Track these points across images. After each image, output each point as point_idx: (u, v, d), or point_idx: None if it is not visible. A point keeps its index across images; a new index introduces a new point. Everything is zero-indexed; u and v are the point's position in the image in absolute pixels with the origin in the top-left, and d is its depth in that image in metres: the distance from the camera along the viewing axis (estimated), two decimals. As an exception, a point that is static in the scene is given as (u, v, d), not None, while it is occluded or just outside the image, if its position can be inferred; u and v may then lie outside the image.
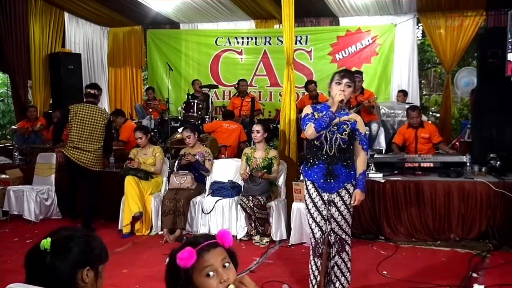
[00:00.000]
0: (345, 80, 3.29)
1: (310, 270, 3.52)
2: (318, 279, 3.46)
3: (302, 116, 3.43)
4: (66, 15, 9.20)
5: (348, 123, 3.35)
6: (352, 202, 3.38)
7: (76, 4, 8.72)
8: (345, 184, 3.36)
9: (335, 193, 3.36)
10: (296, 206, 5.05)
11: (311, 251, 3.53)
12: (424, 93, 14.23)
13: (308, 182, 3.45)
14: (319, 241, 3.43)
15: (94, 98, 5.70)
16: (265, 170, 5.21)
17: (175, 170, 5.77)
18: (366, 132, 3.51)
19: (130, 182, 5.52)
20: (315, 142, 3.37)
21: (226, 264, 1.52)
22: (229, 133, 7.13)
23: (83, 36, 9.88)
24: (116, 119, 7.39)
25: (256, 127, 5.39)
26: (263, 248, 4.95)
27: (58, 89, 8.78)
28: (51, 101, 9.17)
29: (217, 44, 10.08)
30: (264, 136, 5.37)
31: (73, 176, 5.87)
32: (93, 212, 5.73)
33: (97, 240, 1.74)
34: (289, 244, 5.03)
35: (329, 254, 3.48)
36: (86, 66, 9.89)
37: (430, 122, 7.78)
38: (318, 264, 3.45)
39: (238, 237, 5.24)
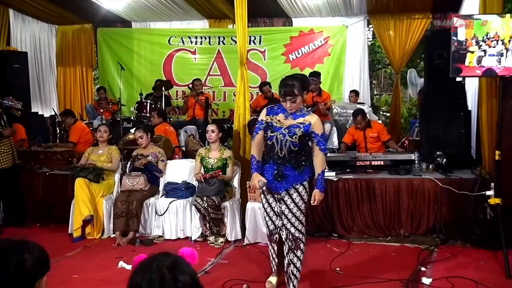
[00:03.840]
0: (287, 98, 3.39)
1: (269, 253, 3.88)
2: (277, 260, 3.81)
3: (258, 120, 3.58)
4: (11, 12, 8.80)
5: (301, 125, 3.40)
6: (312, 202, 3.49)
7: (21, 1, 8.38)
8: (293, 185, 3.45)
9: (284, 192, 3.46)
10: (251, 206, 5.06)
11: (267, 238, 3.84)
12: (375, 93, 14.61)
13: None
14: (273, 231, 3.69)
15: None
16: (220, 172, 5.18)
17: (127, 172, 5.66)
18: (326, 132, 3.65)
19: (80, 184, 5.37)
20: (268, 142, 3.47)
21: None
22: (172, 135, 7.05)
23: (30, 34, 9.49)
24: (65, 119, 7.18)
25: (211, 127, 5.36)
26: (218, 248, 4.93)
27: (3, 88, 8.38)
28: (-5, 101, 8.78)
29: (170, 44, 9.95)
30: (218, 136, 5.34)
31: None
32: None
33: (32, 255, 1.59)
34: (244, 243, 5.03)
35: (281, 245, 3.69)
36: (34, 65, 9.50)
37: (379, 121, 7.98)
38: (275, 248, 3.76)
39: (193, 238, 5.20)
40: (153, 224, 5.37)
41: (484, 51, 4.36)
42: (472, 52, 4.39)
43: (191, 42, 9.88)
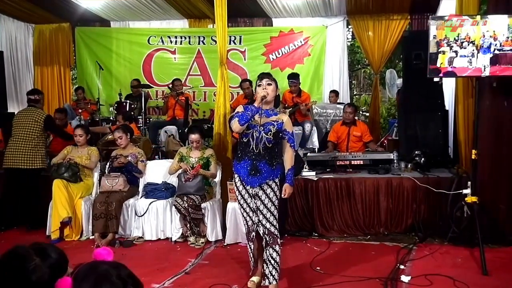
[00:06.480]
0: (264, 80, 3.64)
1: (248, 251, 3.87)
2: (256, 258, 3.86)
3: (234, 115, 3.67)
4: (-15, 10, 8.66)
5: (275, 123, 3.61)
6: (282, 195, 3.65)
7: (-4, -1, 8.22)
8: (267, 180, 3.61)
9: (258, 187, 3.61)
10: (232, 206, 5.05)
11: (246, 237, 3.88)
12: (354, 93, 14.75)
13: (236, 176, 3.74)
14: (250, 228, 3.74)
15: (35, 103, 5.90)
16: (200, 167, 5.17)
17: (106, 172, 5.59)
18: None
19: (58, 185, 5.29)
20: (243, 139, 3.64)
21: None
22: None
23: (6, 33, 9.31)
24: (64, 118, 7.11)
25: (194, 137, 5.25)
26: (198, 249, 4.91)
27: (-22, 88, 8.23)
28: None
29: (149, 43, 9.86)
30: (202, 140, 5.37)
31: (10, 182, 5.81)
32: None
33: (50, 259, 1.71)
34: (225, 244, 5.02)
35: (260, 241, 3.74)
36: (10, 64, 9.32)
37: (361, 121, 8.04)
38: (252, 247, 3.81)
39: (173, 239, 5.17)
40: (132, 225, 5.33)
41: (456, 52, 4.43)
42: (444, 53, 4.45)
43: (171, 41, 9.81)
